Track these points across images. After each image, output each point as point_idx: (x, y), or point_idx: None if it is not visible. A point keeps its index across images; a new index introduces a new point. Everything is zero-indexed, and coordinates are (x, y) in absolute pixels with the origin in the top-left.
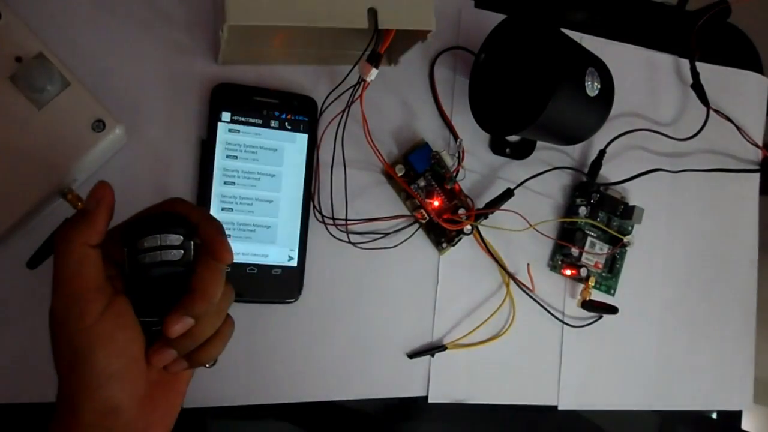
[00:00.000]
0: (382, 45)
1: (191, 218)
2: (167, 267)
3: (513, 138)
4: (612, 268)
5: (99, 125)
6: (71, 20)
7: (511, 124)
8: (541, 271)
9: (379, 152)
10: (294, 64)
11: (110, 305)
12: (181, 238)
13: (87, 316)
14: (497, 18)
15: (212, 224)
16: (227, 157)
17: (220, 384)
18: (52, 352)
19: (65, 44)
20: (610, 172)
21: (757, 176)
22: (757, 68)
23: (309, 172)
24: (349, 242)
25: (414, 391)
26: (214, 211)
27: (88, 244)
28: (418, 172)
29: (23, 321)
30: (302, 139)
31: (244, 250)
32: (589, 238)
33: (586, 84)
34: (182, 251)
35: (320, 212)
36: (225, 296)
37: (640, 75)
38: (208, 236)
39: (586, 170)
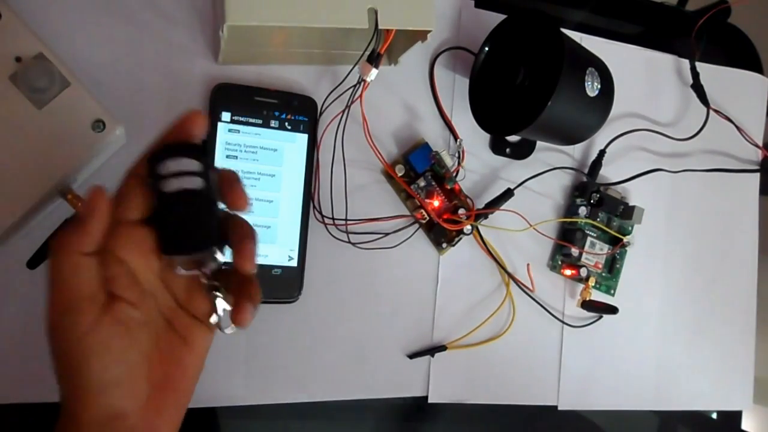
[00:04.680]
0: (382, 45)
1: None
2: (190, 196)
3: (513, 138)
4: (612, 268)
5: (99, 125)
6: (71, 20)
7: (511, 124)
8: (541, 271)
9: (379, 152)
10: (294, 64)
11: (106, 312)
12: (200, 164)
13: (79, 325)
14: (497, 18)
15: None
16: (227, 157)
17: (220, 384)
18: (52, 360)
19: (65, 44)
20: (610, 172)
21: (757, 176)
22: (757, 68)
23: (309, 172)
24: (349, 242)
25: (414, 391)
26: None
27: (82, 252)
28: (418, 172)
29: (23, 321)
30: (302, 139)
31: None
32: (589, 238)
33: (586, 84)
34: (203, 180)
35: (320, 212)
36: None
37: (640, 75)
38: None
39: (586, 170)
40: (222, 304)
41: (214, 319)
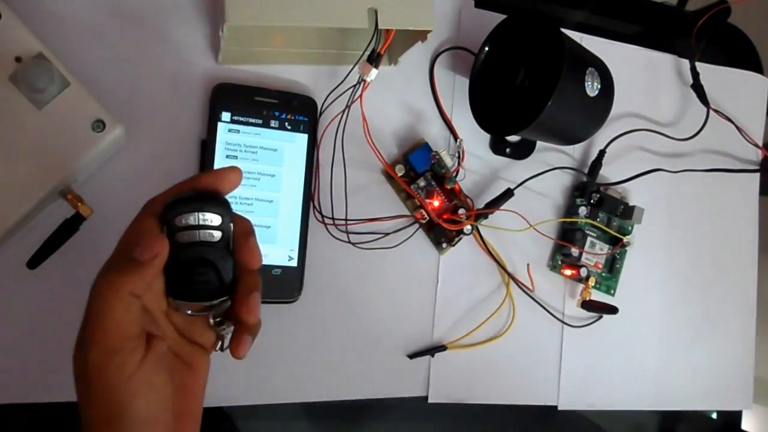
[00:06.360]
0: (382, 45)
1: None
2: (206, 248)
3: (513, 138)
4: (612, 268)
5: (99, 125)
6: (71, 20)
7: (511, 124)
8: (541, 271)
9: (379, 152)
10: (294, 64)
11: (148, 350)
12: (221, 219)
13: (128, 365)
14: (497, 18)
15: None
16: (227, 157)
17: (220, 384)
18: (83, 399)
19: (65, 44)
20: (610, 172)
21: (757, 176)
22: (757, 68)
23: (309, 172)
24: (349, 242)
25: (414, 391)
26: None
27: (135, 295)
28: (418, 172)
29: (23, 321)
30: (302, 139)
31: None
32: (589, 238)
33: (586, 84)
34: (221, 233)
35: (320, 212)
36: None
37: (640, 75)
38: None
39: (586, 170)
40: (228, 335)
41: (218, 346)
